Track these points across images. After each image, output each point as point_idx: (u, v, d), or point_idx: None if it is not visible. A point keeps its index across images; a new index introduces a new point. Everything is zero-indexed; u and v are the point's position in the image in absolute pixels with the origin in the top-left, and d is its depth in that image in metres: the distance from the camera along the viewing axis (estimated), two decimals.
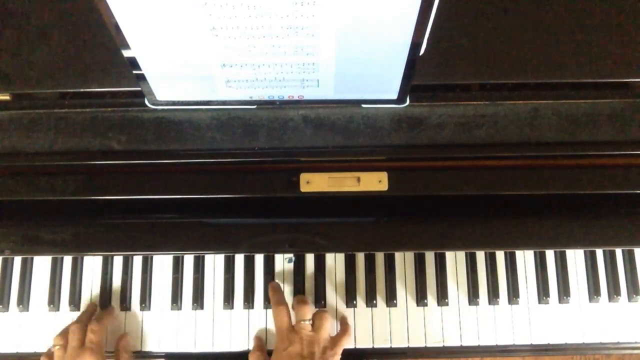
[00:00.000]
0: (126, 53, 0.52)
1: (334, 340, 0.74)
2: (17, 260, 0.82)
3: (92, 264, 0.82)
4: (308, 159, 0.66)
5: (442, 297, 0.80)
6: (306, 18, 0.47)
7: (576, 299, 0.80)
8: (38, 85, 0.64)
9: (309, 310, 0.75)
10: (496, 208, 0.70)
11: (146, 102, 0.62)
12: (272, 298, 0.77)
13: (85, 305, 0.81)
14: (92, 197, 0.67)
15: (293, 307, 0.77)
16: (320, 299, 0.80)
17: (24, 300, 0.80)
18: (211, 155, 0.64)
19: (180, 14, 0.46)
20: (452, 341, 0.79)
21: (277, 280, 0.81)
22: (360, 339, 0.79)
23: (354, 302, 0.80)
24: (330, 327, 0.75)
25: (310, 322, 0.74)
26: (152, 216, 0.71)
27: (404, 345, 0.79)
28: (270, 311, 0.79)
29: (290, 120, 0.65)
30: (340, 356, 0.73)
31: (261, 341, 0.78)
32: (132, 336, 0.80)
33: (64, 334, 0.75)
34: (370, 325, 0.80)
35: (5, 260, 0.82)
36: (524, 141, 0.64)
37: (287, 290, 0.80)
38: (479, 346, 0.79)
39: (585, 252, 0.81)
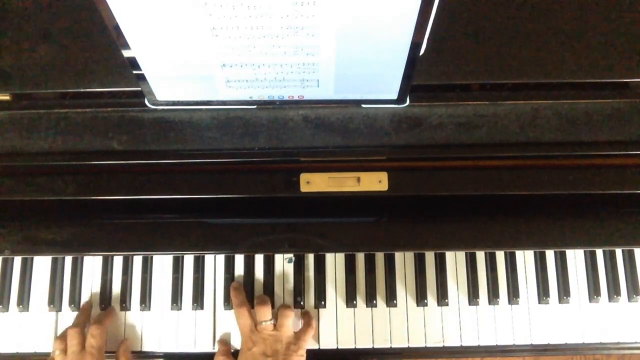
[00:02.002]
0: (126, 53, 0.52)
1: (297, 336, 0.74)
2: (17, 260, 0.82)
3: (92, 264, 0.82)
4: (308, 159, 0.66)
5: (442, 297, 0.80)
6: (306, 18, 0.47)
7: (576, 299, 0.80)
8: (38, 85, 0.64)
9: (269, 311, 0.75)
10: (496, 208, 0.70)
11: (146, 102, 0.62)
12: (234, 300, 0.77)
13: (83, 305, 0.81)
14: (92, 197, 0.67)
15: (255, 308, 0.77)
16: (320, 299, 0.80)
17: (24, 300, 0.80)
18: (211, 155, 0.64)
19: (180, 14, 0.46)
20: (452, 341, 0.79)
21: (277, 280, 0.81)
22: (360, 339, 0.79)
23: (354, 302, 0.80)
24: (292, 323, 0.76)
25: (272, 321, 0.74)
26: (152, 216, 0.71)
27: (404, 345, 0.79)
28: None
29: (290, 120, 0.65)
30: (305, 350, 0.73)
31: (226, 345, 0.78)
32: (132, 336, 0.80)
33: (63, 338, 0.74)
34: (370, 325, 0.80)
35: (5, 260, 0.82)
36: (524, 141, 0.64)
37: (287, 290, 0.81)
38: (479, 346, 0.79)
39: (585, 252, 0.81)
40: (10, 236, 0.71)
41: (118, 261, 0.82)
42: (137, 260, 0.82)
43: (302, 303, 0.80)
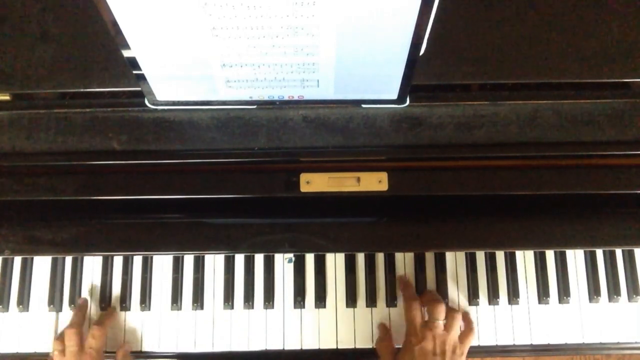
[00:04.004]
0: (126, 53, 0.52)
1: (462, 339, 0.74)
2: (17, 260, 0.82)
3: (92, 264, 0.82)
4: (308, 159, 0.66)
5: (442, 297, 0.80)
6: (306, 18, 0.47)
7: (576, 299, 0.80)
8: (38, 85, 0.64)
9: (444, 310, 0.74)
10: (496, 208, 0.70)
11: (146, 102, 0.62)
12: (405, 292, 0.78)
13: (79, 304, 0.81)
14: (92, 197, 0.67)
15: (425, 304, 0.76)
16: (320, 299, 0.80)
17: (24, 300, 0.80)
18: (211, 155, 0.64)
19: (180, 14, 0.46)
20: None
21: (277, 280, 0.81)
22: (360, 339, 0.79)
23: (354, 302, 0.80)
24: (459, 327, 0.75)
25: (444, 321, 0.74)
26: (152, 216, 0.71)
27: None
28: (268, 312, 0.80)
29: (290, 120, 0.65)
30: (465, 356, 0.74)
31: (388, 330, 0.79)
32: (132, 336, 0.80)
33: (62, 338, 0.74)
34: (370, 325, 0.80)
35: (5, 260, 0.82)
36: (524, 141, 0.64)
37: (288, 290, 0.80)
38: (479, 346, 0.79)
39: (585, 252, 0.81)
40: (10, 236, 0.71)
41: (118, 261, 0.82)
42: (137, 260, 0.82)
43: (302, 303, 0.80)
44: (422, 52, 0.52)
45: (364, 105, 0.64)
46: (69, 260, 0.82)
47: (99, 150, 0.64)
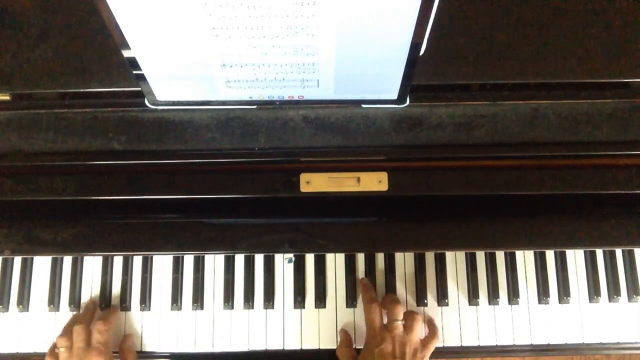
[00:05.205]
0: (126, 53, 0.52)
1: (424, 343, 0.74)
2: (17, 260, 0.82)
3: (92, 264, 0.82)
4: (308, 159, 0.66)
5: (442, 297, 0.80)
6: (306, 18, 0.47)
7: (576, 299, 0.80)
8: (38, 85, 0.64)
9: (402, 311, 0.74)
10: (496, 208, 0.70)
11: (146, 102, 0.62)
12: (365, 295, 0.78)
13: (84, 304, 0.81)
14: (92, 197, 0.67)
15: (384, 306, 0.76)
16: (320, 299, 0.80)
17: (24, 300, 0.80)
18: (211, 156, 0.64)
19: (180, 14, 0.46)
20: (452, 341, 0.79)
21: (277, 281, 0.81)
22: (360, 339, 0.79)
23: (354, 302, 0.80)
24: (420, 329, 0.75)
25: (403, 322, 0.74)
26: (152, 216, 0.71)
27: None
28: (268, 312, 0.80)
29: (290, 120, 0.65)
30: (428, 359, 0.73)
31: (348, 336, 0.79)
32: (132, 336, 0.80)
33: (68, 334, 0.75)
34: None
35: (5, 260, 0.82)
36: (524, 141, 0.64)
37: (288, 290, 0.80)
38: (479, 346, 0.79)
39: (585, 252, 0.81)
40: (10, 236, 0.71)
41: (118, 261, 0.82)
42: (137, 260, 0.82)
43: (302, 303, 0.80)
44: (422, 52, 0.52)
45: (364, 105, 0.64)
46: (69, 260, 0.82)
47: (99, 150, 0.64)
